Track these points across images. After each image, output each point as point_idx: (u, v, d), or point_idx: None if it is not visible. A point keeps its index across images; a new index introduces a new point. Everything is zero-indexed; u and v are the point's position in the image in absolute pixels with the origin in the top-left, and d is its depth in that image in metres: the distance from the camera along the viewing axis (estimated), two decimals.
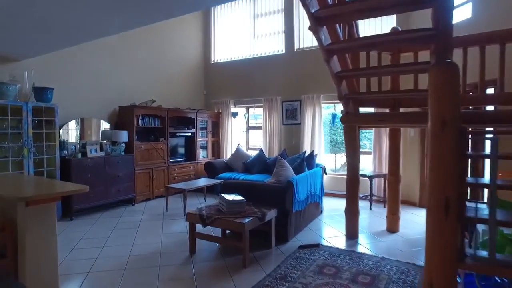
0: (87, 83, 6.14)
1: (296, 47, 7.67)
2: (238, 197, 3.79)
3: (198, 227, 3.81)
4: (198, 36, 8.84)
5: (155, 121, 6.89)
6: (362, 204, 6.17)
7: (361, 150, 7.99)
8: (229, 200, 3.67)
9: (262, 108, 7.96)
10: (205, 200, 6.56)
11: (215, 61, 8.91)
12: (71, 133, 5.83)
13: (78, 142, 5.80)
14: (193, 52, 8.67)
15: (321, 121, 7.31)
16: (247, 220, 3.43)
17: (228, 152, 8.33)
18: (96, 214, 5.59)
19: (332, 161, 8.01)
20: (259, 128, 8.18)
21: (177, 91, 8.11)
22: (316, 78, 7.29)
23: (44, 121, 4.97)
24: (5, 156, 4.67)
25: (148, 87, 7.31)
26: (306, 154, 6.49)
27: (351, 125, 4.11)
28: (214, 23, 8.91)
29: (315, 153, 6.36)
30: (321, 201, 5.65)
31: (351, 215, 4.40)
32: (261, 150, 7.55)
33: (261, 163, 7.26)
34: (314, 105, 7.29)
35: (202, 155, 8.03)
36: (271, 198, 4.18)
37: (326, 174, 5.81)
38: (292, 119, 7.67)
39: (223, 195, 3.84)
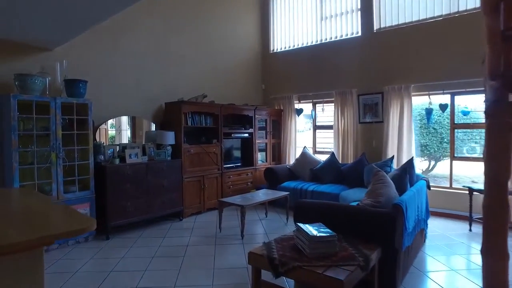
0: (127, 76, 5.24)
1: (375, 27, 6.16)
2: (325, 230, 2.49)
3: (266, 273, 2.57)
4: (254, 22, 7.68)
5: (206, 119, 5.84)
6: (457, 225, 4.70)
7: (468, 155, 6.34)
8: (313, 236, 2.38)
9: (333, 104, 6.55)
10: (266, 216, 5.35)
11: (275, 50, 7.68)
12: (108, 134, 4.95)
13: (118, 144, 4.90)
14: (249, 41, 7.53)
15: (411, 118, 5.72)
16: (346, 274, 2.12)
17: (291, 156, 7.05)
18: (136, 231, 4.62)
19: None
20: (329, 127, 6.78)
21: (232, 85, 7.01)
22: (403, 64, 5.74)
23: (75, 120, 4.09)
24: (31, 163, 3.85)
25: (198, 81, 6.28)
26: (396, 160, 5.01)
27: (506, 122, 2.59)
28: (273, 6, 7.69)
29: (396, 158, 4.86)
30: (427, 227, 4.14)
31: (495, 259, 2.86)
32: (332, 154, 6.16)
33: (334, 171, 5.88)
34: (401, 98, 5.73)
35: (260, 160, 6.84)
36: (370, 229, 2.83)
37: (429, 189, 4.29)
38: (371, 116, 6.17)
39: (301, 226, 2.56)
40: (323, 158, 6.35)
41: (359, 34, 6.35)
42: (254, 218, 5.22)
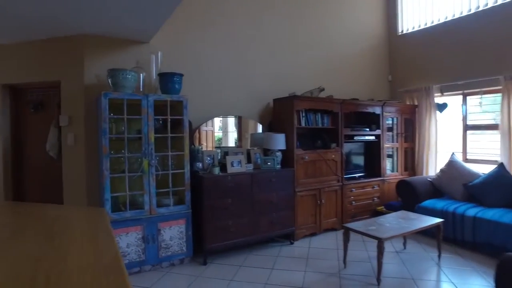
0: (228, 70, 4.48)
1: None
2: None
3: None
4: (376, 0, 6.23)
5: (323, 118, 4.71)
6: None
7: None
8: None
9: (499, 95, 4.70)
10: (405, 247, 3.94)
11: (404, 32, 6.09)
12: (207, 138, 4.24)
13: (218, 149, 4.16)
14: (371, 23, 6.11)
15: None
16: None
17: (431, 166, 5.39)
18: (238, 257, 3.77)
19: None
20: (490, 127, 4.93)
21: (351, 77, 5.72)
22: None
23: (169, 121, 3.44)
24: (122, 171, 3.32)
25: (312, 73, 5.20)
26: None
27: None
28: None
29: None
30: None
31: None
32: (500, 165, 4.36)
33: (504, 189, 4.11)
34: None
35: (389, 169, 5.39)
36: None
37: None
38: None
39: None
40: (481, 169, 4.60)
41: None
42: (388, 250, 3.87)
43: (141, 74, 3.55)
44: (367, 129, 5.08)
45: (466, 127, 5.24)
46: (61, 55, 3.67)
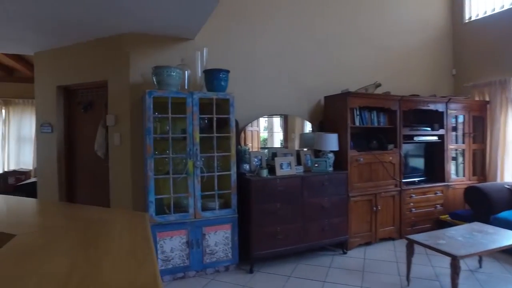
0: (275, 66, 4.23)
1: None
2: None
3: None
4: None
5: (379, 117, 4.30)
6: None
7: None
8: None
9: None
10: (480, 266, 3.42)
11: (473, 19, 5.44)
12: (252, 138, 4.01)
13: (266, 150, 3.92)
14: (432, 12, 5.52)
15: None
16: None
17: (507, 170, 4.74)
18: (287, 265, 3.50)
19: None
20: None
21: (410, 72, 5.21)
22: None
23: (215, 120, 3.26)
24: (167, 172, 3.20)
25: (367, 69, 4.79)
26: None
27: None
28: None
29: None
30: None
31: None
32: None
33: None
34: None
35: (453, 173, 4.82)
36: None
37: None
38: None
39: None
40: None
41: None
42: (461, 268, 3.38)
43: (185, 72, 3.42)
44: (429, 129, 4.57)
45: None
46: (108, 55, 3.65)
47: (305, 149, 4.08)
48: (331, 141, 3.88)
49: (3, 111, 6.74)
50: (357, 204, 3.95)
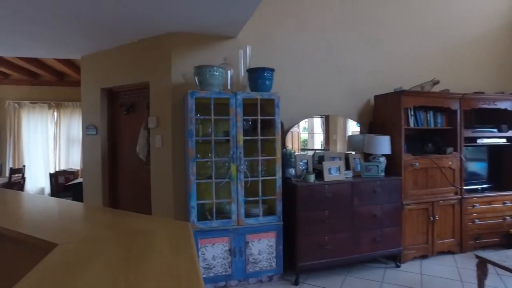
0: (321, 64, 3.97)
1: None
2: None
3: None
4: None
5: (436, 118, 3.91)
6: None
7: None
8: None
9: None
10: None
11: None
12: (292, 140, 3.78)
13: (305, 152, 3.68)
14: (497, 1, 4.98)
15: None
16: None
17: None
18: (334, 278, 3.24)
19: None
20: None
21: (472, 67, 4.72)
22: None
23: (259, 122, 3.07)
24: (209, 176, 3.08)
25: (422, 65, 4.38)
26: None
27: None
28: None
29: None
30: None
31: None
32: None
33: None
34: None
35: None
36: None
37: None
38: None
39: None
40: None
41: None
42: None
43: (228, 71, 3.28)
44: (495, 130, 4.09)
45: None
46: (149, 55, 3.60)
47: (353, 153, 3.79)
48: (383, 144, 3.57)
49: (55, 113, 7.07)
50: (411, 213, 3.60)
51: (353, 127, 4.12)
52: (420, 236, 3.67)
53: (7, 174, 5.72)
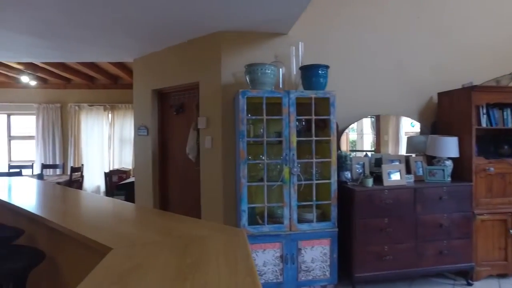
0: (378, 60, 3.69)
1: None
2: None
3: None
4: None
5: None
6: None
7: None
8: None
9: None
10: None
11: None
12: (348, 140, 3.53)
13: (369, 156, 3.42)
14: None
15: None
16: None
17: None
18: None
19: None
20: None
21: None
22: None
23: (313, 122, 2.89)
24: (260, 179, 2.95)
25: (494, 57, 3.92)
26: None
27: None
28: None
29: None
30: None
31: None
32: None
33: None
34: None
35: None
36: None
37: None
38: None
39: None
40: None
41: None
42: None
43: (280, 69, 3.14)
44: None
45: None
46: (199, 55, 3.57)
47: (413, 155, 3.47)
48: (450, 146, 3.22)
49: (110, 115, 7.41)
50: (485, 224, 3.20)
51: (406, 127, 3.78)
52: (496, 252, 3.25)
53: (69, 172, 6.06)
